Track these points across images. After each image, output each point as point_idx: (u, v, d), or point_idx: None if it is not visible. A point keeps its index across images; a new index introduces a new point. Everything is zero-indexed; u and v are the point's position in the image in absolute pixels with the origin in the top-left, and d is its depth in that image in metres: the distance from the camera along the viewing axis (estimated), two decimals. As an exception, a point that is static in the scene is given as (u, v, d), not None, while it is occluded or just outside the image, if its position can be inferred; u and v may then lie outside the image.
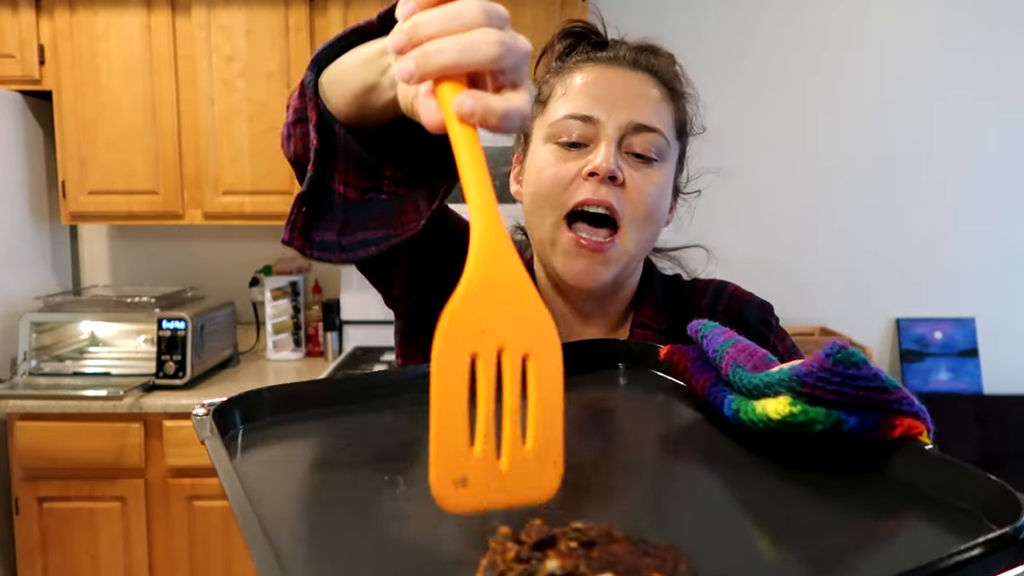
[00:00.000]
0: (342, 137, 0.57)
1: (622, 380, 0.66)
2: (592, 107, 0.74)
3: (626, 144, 0.74)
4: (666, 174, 0.76)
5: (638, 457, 0.54)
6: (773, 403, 0.48)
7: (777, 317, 0.84)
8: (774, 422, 0.47)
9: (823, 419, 0.46)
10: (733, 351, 0.54)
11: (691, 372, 0.58)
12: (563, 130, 0.74)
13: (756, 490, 0.47)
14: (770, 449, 0.49)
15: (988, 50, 2.69)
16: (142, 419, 2.20)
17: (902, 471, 0.46)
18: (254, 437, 0.53)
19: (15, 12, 2.37)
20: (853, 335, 2.68)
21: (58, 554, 2.25)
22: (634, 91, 0.75)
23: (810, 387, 0.45)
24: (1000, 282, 2.76)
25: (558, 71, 0.80)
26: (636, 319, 0.81)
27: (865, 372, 0.45)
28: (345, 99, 0.55)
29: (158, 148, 2.43)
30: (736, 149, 2.67)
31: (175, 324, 2.31)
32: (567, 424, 0.39)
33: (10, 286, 2.40)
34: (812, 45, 2.70)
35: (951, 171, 2.73)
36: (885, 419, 0.47)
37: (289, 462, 0.52)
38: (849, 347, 0.45)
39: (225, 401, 0.53)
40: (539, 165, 0.76)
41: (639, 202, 0.73)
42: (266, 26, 2.39)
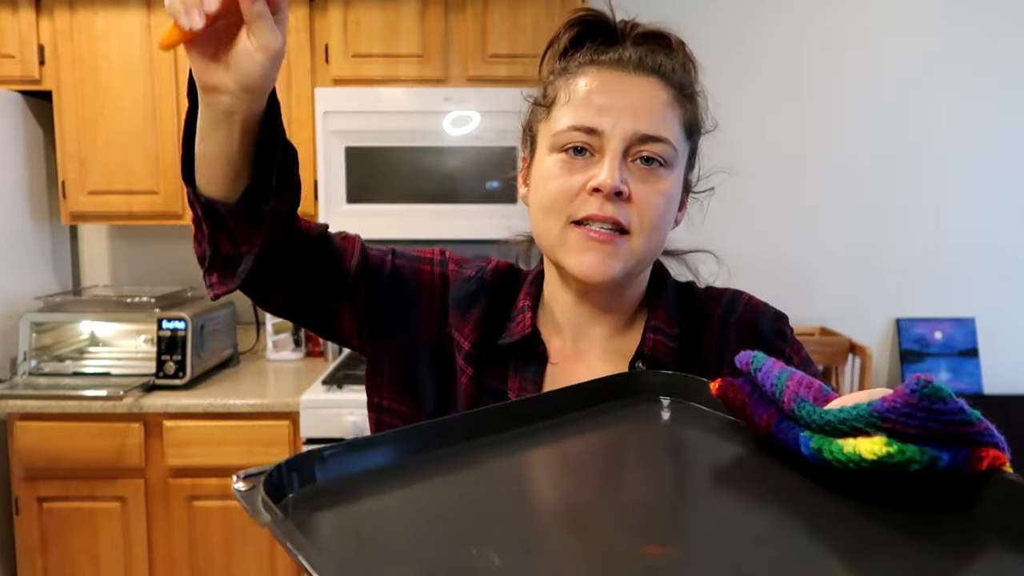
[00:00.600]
0: (224, 211, 0.68)
1: (665, 415, 0.61)
2: (596, 117, 0.72)
3: (632, 152, 0.72)
4: (673, 180, 0.75)
5: (708, 505, 0.50)
6: (867, 443, 0.46)
7: (792, 328, 0.83)
8: (867, 462, 0.45)
9: (919, 458, 0.44)
10: (792, 384, 0.52)
11: (751, 408, 0.55)
12: (567, 140, 0.73)
13: (841, 532, 0.44)
14: (847, 488, 0.47)
15: (989, 50, 2.69)
16: (142, 419, 2.20)
17: (993, 505, 0.44)
18: (306, 506, 0.46)
19: (15, 12, 2.37)
20: (853, 335, 2.68)
21: (58, 554, 2.25)
22: (639, 98, 0.73)
23: (891, 423, 0.44)
24: (1000, 282, 2.76)
25: (562, 72, 0.78)
26: (649, 322, 0.80)
27: (952, 407, 0.44)
28: (217, 166, 0.66)
29: (158, 148, 2.43)
30: (736, 149, 2.67)
31: (175, 324, 2.31)
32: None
33: (10, 286, 2.40)
34: (812, 45, 2.70)
35: (951, 171, 2.73)
36: (973, 452, 0.45)
37: (355, 537, 0.44)
38: (934, 381, 0.43)
39: (274, 468, 0.46)
40: (545, 176, 0.75)
41: (647, 213, 0.72)
42: (266, 26, 2.38)
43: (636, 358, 0.80)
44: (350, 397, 2.15)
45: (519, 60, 2.35)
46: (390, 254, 0.83)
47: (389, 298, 0.81)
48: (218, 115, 0.63)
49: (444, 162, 2.33)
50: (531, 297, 0.83)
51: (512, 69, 2.36)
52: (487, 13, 2.35)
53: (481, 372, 0.80)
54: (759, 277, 2.62)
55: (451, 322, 0.82)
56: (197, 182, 0.68)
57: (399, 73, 2.38)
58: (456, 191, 2.33)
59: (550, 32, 0.85)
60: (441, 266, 0.84)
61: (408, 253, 0.85)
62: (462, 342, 0.81)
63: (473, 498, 0.49)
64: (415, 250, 0.86)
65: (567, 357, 0.82)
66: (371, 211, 2.34)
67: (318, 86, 2.38)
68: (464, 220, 2.32)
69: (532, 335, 0.80)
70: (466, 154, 2.32)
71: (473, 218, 2.31)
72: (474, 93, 2.30)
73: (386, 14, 2.37)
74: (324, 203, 2.34)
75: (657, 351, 0.79)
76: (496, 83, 2.35)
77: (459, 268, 0.85)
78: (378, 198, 2.34)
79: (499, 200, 2.32)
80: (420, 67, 2.38)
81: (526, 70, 2.34)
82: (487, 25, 2.36)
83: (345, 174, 2.33)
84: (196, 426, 2.19)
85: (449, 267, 0.85)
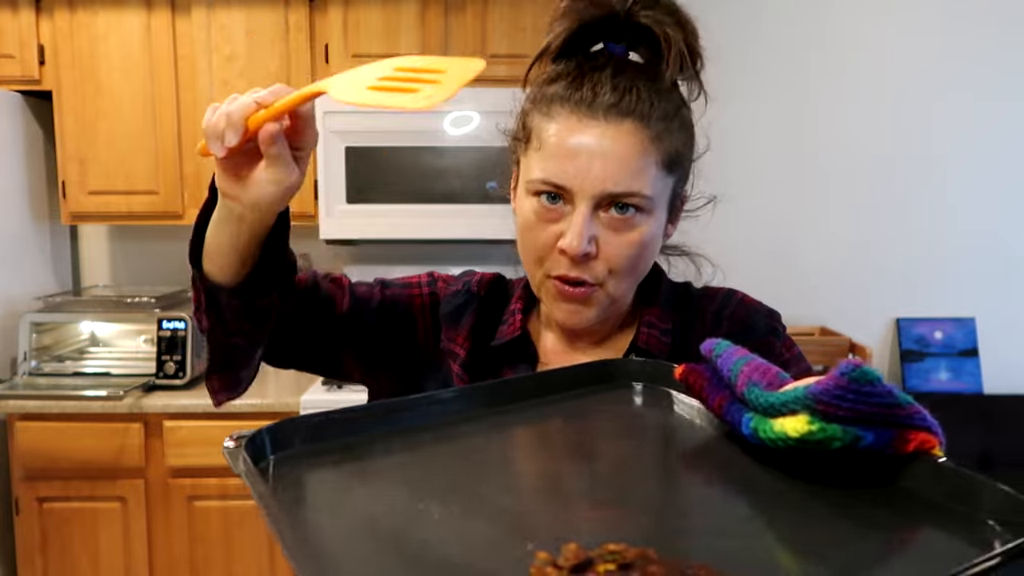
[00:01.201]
0: (225, 303, 0.71)
1: (637, 399, 0.65)
2: (564, 175, 0.70)
3: (604, 205, 0.71)
4: (651, 224, 0.73)
5: (659, 476, 0.54)
6: (792, 421, 0.48)
7: (784, 325, 0.84)
8: (793, 440, 0.48)
9: (841, 436, 0.47)
10: (747, 369, 0.54)
11: (707, 392, 0.58)
12: (540, 190, 0.73)
13: (776, 508, 0.47)
14: (788, 467, 0.50)
15: (988, 50, 2.68)
16: (142, 419, 2.20)
17: (917, 484, 0.47)
18: (285, 467, 0.53)
19: (15, 12, 2.37)
20: (853, 335, 2.68)
21: (58, 554, 2.25)
22: (609, 151, 0.69)
23: (825, 404, 0.46)
24: (1000, 282, 2.76)
25: (539, 102, 0.75)
26: (643, 318, 0.81)
27: (880, 389, 0.46)
28: (224, 261, 0.70)
29: (158, 148, 2.43)
30: (736, 149, 2.67)
31: (175, 324, 2.31)
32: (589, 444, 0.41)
33: (10, 286, 2.40)
34: (812, 45, 2.70)
35: (951, 171, 2.73)
36: (900, 434, 0.48)
37: (322, 492, 0.51)
38: (864, 365, 0.46)
39: (256, 432, 0.54)
40: (523, 222, 0.76)
41: (617, 264, 0.72)
42: (266, 26, 2.39)
43: (630, 351, 0.81)
44: (350, 397, 2.15)
45: (519, 60, 2.35)
46: (378, 287, 0.87)
47: (383, 330, 0.85)
48: (230, 216, 0.67)
49: (444, 162, 2.33)
50: (523, 301, 0.85)
51: (512, 69, 2.36)
52: (487, 13, 2.35)
53: (476, 376, 0.82)
54: (759, 276, 2.62)
55: (444, 336, 0.85)
56: (204, 266, 0.72)
57: (399, 73, 2.38)
58: (456, 191, 2.33)
59: (549, 32, 0.83)
60: (429, 286, 0.88)
61: (397, 282, 0.88)
62: (457, 351, 0.84)
63: (440, 467, 0.54)
64: (403, 278, 0.89)
65: (558, 355, 0.83)
66: (371, 211, 2.34)
67: (318, 86, 2.38)
68: (464, 220, 2.32)
69: (522, 336, 0.82)
70: (466, 154, 2.32)
71: (473, 218, 2.31)
72: (474, 93, 2.30)
73: (386, 14, 2.37)
74: (324, 203, 2.34)
75: (651, 345, 0.80)
76: (496, 83, 2.34)
77: (447, 285, 0.88)
78: (378, 198, 2.34)
79: (499, 200, 2.31)
80: (420, 67, 2.38)
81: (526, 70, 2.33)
82: (487, 25, 2.36)
83: (345, 174, 2.33)
84: (196, 426, 2.19)
85: (437, 285, 0.88)
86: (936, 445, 0.49)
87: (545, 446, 0.60)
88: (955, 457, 0.46)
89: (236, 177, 0.63)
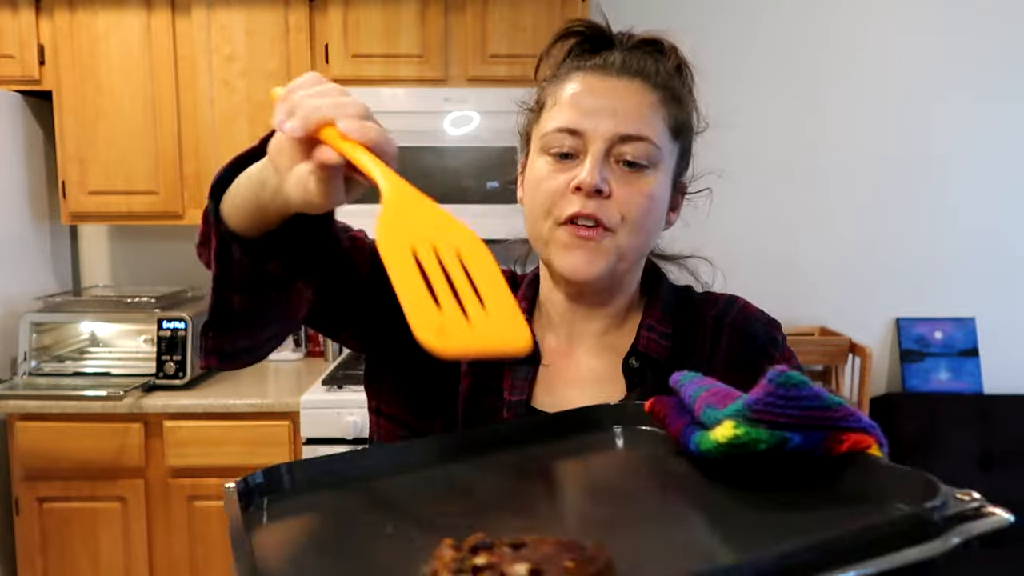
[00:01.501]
0: (237, 257, 0.65)
1: (619, 442, 0.66)
2: (578, 120, 0.74)
3: (616, 153, 0.74)
4: (658, 180, 0.76)
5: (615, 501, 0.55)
6: (720, 429, 0.51)
7: (784, 336, 0.84)
8: (724, 446, 0.50)
9: (766, 438, 0.49)
10: (706, 395, 0.56)
11: (669, 420, 0.60)
12: (553, 142, 0.76)
13: (705, 510, 0.50)
14: (735, 479, 0.52)
15: (989, 50, 2.69)
16: (142, 419, 2.20)
17: (848, 480, 0.49)
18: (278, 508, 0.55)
19: (15, 12, 2.37)
20: (853, 335, 2.68)
21: (58, 554, 2.25)
22: (621, 100, 0.75)
23: (759, 412, 0.49)
24: (1000, 282, 2.76)
25: (552, 79, 0.81)
26: (644, 321, 0.82)
27: (805, 392, 0.48)
28: (241, 216, 0.64)
29: (158, 148, 2.43)
30: (736, 149, 2.67)
31: (175, 324, 2.31)
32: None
33: (10, 286, 2.40)
34: (812, 45, 2.70)
35: (951, 171, 2.73)
36: (832, 436, 0.49)
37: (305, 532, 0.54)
38: (788, 371, 0.49)
39: (249, 476, 0.55)
40: (534, 177, 0.78)
41: (629, 212, 0.74)
42: (266, 26, 2.39)
43: (630, 355, 0.81)
44: (350, 397, 2.15)
45: (519, 60, 2.35)
46: None
47: (394, 298, 0.80)
48: (264, 183, 0.61)
49: (444, 162, 2.33)
50: (527, 300, 0.85)
51: (512, 69, 2.36)
52: (487, 13, 2.35)
53: (479, 373, 0.82)
54: (759, 276, 2.62)
55: None
56: (223, 205, 0.65)
57: (399, 73, 2.39)
58: (456, 191, 2.33)
59: (549, 32, 0.85)
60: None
61: None
62: None
63: (411, 496, 0.56)
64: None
65: (560, 355, 0.83)
66: (371, 211, 2.30)
67: (318, 86, 2.38)
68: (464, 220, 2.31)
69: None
70: (466, 154, 2.32)
71: (473, 218, 2.30)
72: (474, 93, 2.30)
73: (386, 14, 2.37)
74: (324, 203, 2.34)
75: (651, 349, 0.80)
76: (496, 83, 2.35)
77: None
78: (378, 198, 2.33)
79: (499, 200, 2.32)
80: (420, 67, 2.38)
81: (526, 70, 2.33)
82: (487, 25, 2.36)
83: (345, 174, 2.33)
84: (196, 426, 2.19)
85: None
86: (871, 444, 0.50)
87: (519, 484, 0.60)
88: (955, 457, 0.47)
89: (287, 154, 0.56)
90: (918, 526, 0.39)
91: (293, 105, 0.54)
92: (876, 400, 2.65)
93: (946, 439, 2.49)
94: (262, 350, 0.74)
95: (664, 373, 0.80)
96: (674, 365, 0.79)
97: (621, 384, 0.80)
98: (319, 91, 0.55)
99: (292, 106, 0.54)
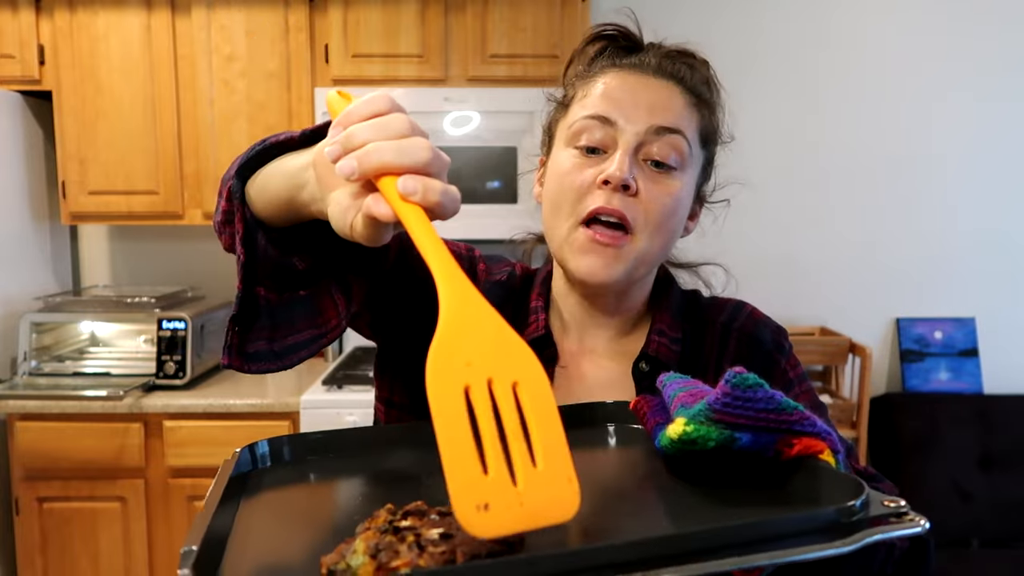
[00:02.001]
0: (263, 245, 0.61)
1: (612, 440, 0.67)
2: (611, 110, 0.73)
3: (644, 151, 0.73)
4: (684, 183, 0.75)
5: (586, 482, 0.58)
6: (672, 426, 0.53)
7: (791, 344, 0.84)
8: (676, 442, 0.52)
9: (715, 436, 0.50)
10: (684, 395, 0.58)
11: (648, 418, 0.62)
12: (581, 129, 0.74)
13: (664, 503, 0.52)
14: (698, 475, 0.54)
15: (989, 50, 2.69)
16: (142, 419, 2.20)
17: (795, 483, 0.51)
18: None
19: (15, 12, 2.37)
20: (853, 335, 2.68)
21: (58, 554, 2.25)
22: (656, 97, 0.74)
23: (720, 413, 0.50)
24: (1000, 282, 2.76)
25: (583, 75, 0.80)
26: (654, 326, 0.81)
27: (760, 395, 0.50)
28: (268, 208, 0.60)
29: (158, 148, 2.43)
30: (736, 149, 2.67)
31: (175, 324, 2.31)
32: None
33: (10, 286, 2.40)
34: (813, 46, 2.70)
35: (951, 171, 2.73)
36: (782, 439, 0.51)
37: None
38: (745, 372, 0.50)
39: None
40: (559, 170, 0.76)
41: (653, 211, 0.73)
42: (266, 26, 2.39)
43: (640, 359, 0.80)
44: (350, 397, 2.15)
45: (519, 60, 2.35)
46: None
47: (415, 289, 0.79)
48: (299, 184, 0.56)
49: (444, 162, 2.32)
50: (542, 297, 0.84)
51: (512, 69, 2.36)
52: (487, 13, 2.35)
53: None
54: (760, 277, 2.62)
55: None
56: (249, 190, 0.61)
57: (399, 73, 2.39)
58: (456, 191, 2.32)
59: (550, 32, 0.85)
60: (469, 263, 0.85)
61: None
62: None
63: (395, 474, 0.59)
64: (443, 240, 0.84)
65: (575, 356, 0.83)
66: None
67: (318, 86, 2.38)
68: (464, 220, 2.31)
69: (545, 336, 0.81)
70: (466, 154, 2.32)
71: (473, 218, 2.30)
72: (474, 93, 2.30)
73: (386, 14, 2.37)
74: (324, 203, 2.34)
75: (661, 353, 0.80)
76: (496, 83, 2.34)
77: (488, 269, 0.85)
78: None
79: (499, 200, 2.32)
80: (420, 67, 2.38)
81: (526, 70, 2.33)
82: (487, 25, 2.36)
83: (345, 174, 2.33)
84: (196, 426, 2.19)
85: (478, 266, 0.85)
86: (823, 449, 0.51)
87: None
88: (954, 457, 0.47)
89: (336, 179, 0.50)
90: (833, 524, 0.41)
91: (350, 139, 0.48)
92: (876, 400, 2.65)
93: (946, 439, 2.49)
94: (287, 357, 0.66)
95: None
96: (683, 369, 0.79)
97: (631, 388, 0.80)
98: (382, 126, 0.48)
99: (349, 139, 0.48)
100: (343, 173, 0.47)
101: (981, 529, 2.44)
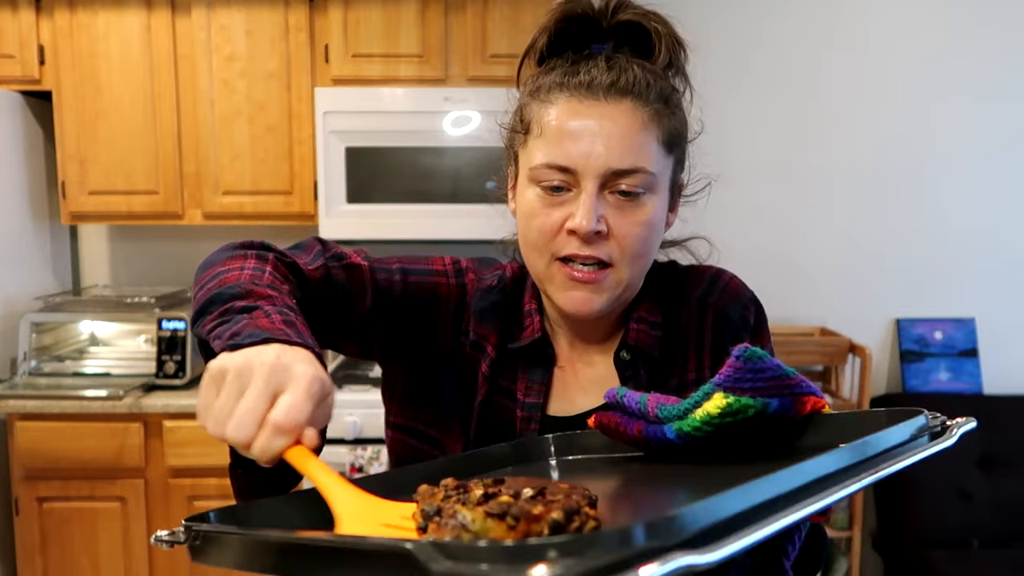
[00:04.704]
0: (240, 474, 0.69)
1: (554, 475, 0.70)
2: (567, 155, 0.71)
3: (609, 185, 0.72)
4: (656, 204, 0.74)
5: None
6: (710, 403, 0.56)
7: (764, 318, 0.83)
8: (716, 417, 0.56)
9: (755, 403, 0.55)
10: (653, 398, 0.63)
11: (624, 426, 0.65)
12: (543, 176, 0.73)
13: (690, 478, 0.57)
14: (699, 454, 0.58)
15: (989, 50, 2.68)
16: (142, 419, 2.20)
17: (817, 434, 0.58)
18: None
19: (15, 12, 2.37)
20: (853, 335, 2.68)
21: (58, 554, 2.25)
22: (613, 127, 0.71)
23: (731, 388, 0.55)
24: (1000, 282, 2.76)
25: (535, 94, 0.77)
26: (632, 312, 0.81)
27: (769, 364, 0.56)
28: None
29: (158, 148, 2.43)
30: (736, 149, 2.67)
31: (175, 324, 2.31)
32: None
33: (10, 286, 2.40)
34: (813, 45, 2.70)
35: (951, 171, 2.73)
36: (796, 399, 0.58)
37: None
38: (749, 346, 0.55)
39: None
40: (527, 211, 0.75)
41: (628, 245, 0.72)
42: (266, 26, 2.39)
43: (620, 348, 0.81)
44: (350, 397, 2.15)
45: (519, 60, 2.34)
46: (399, 274, 0.82)
47: (405, 321, 0.81)
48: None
49: (444, 162, 2.33)
50: (535, 300, 0.83)
51: (512, 69, 2.33)
52: (487, 13, 2.35)
53: (496, 375, 0.82)
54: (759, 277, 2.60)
55: (473, 331, 0.82)
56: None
57: (399, 73, 2.38)
58: (456, 191, 2.33)
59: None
60: (456, 276, 0.84)
61: (418, 267, 0.83)
62: (489, 350, 0.82)
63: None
64: (425, 261, 0.84)
65: (569, 355, 0.84)
66: (371, 211, 2.34)
67: (318, 86, 2.38)
68: (464, 220, 2.32)
69: (542, 339, 0.81)
70: (466, 154, 2.32)
71: (473, 218, 2.30)
72: (474, 93, 2.30)
73: (386, 14, 2.37)
74: (324, 203, 2.34)
75: (640, 340, 0.80)
76: (496, 83, 2.34)
77: (478, 276, 0.85)
78: (378, 198, 2.34)
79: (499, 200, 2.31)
80: (420, 67, 2.38)
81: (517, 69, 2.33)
82: (487, 25, 2.36)
83: (345, 174, 2.33)
84: (196, 426, 2.19)
85: (467, 276, 0.84)
86: (824, 404, 0.59)
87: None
88: (955, 457, 0.50)
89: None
90: (922, 430, 0.56)
91: (245, 436, 0.52)
92: (876, 400, 2.65)
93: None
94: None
95: (658, 366, 0.80)
96: (664, 352, 0.80)
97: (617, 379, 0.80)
98: (237, 419, 0.52)
99: (245, 436, 0.52)
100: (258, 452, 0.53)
101: (981, 529, 2.43)
